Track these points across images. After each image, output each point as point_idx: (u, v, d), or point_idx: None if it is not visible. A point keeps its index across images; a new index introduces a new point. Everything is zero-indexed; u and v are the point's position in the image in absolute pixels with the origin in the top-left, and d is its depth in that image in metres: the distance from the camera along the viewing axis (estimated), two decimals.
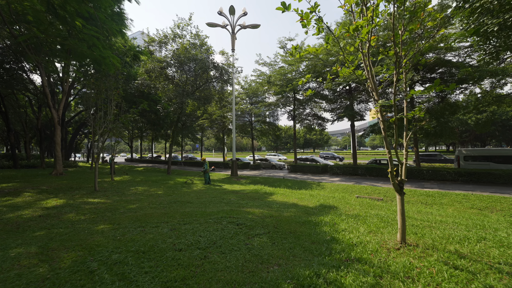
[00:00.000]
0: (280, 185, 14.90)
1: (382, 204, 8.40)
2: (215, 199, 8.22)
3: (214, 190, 10.74)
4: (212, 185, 12.65)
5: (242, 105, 25.75)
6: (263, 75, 23.56)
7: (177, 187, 11.56)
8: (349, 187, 13.42)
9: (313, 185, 14.64)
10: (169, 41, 18.79)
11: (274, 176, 20.05)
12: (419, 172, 16.60)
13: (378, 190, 12.42)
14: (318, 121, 26.45)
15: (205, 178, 13.19)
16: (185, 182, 13.60)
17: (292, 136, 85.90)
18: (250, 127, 28.76)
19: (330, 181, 15.98)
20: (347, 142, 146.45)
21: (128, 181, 13.64)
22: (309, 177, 18.69)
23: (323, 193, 10.49)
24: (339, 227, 4.87)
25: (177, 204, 7.37)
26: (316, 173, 21.40)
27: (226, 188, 11.70)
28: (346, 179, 17.10)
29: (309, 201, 8.19)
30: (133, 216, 5.68)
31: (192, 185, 12.55)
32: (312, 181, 16.03)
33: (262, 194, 9.58)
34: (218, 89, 22.03)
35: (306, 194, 9.78)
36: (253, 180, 17.52)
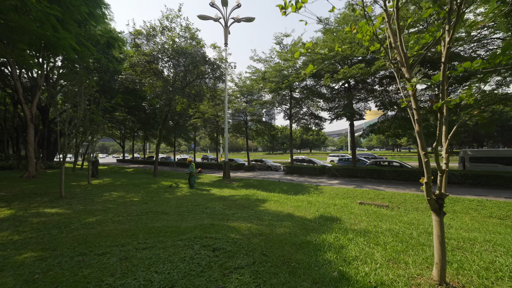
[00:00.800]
0: (275, 189, 13.72)
1: (390, 213, 7.28)
2: (197, 209, 7.00)
3: (199, 196, 9.51)
4: (198, 190, 11.42)
5: (236, 103, 24.52)
6: (258, 72, 22.40)
7: (159, 192, 10.30)
8: (350, 191, 12.31)
9: (310, 189, 13.50)
10: (158, 34, 17.47)
11: (269, 178, 18.88)
12: (421, 174, 15.59)
13: (382, 194, 11.33)
14: (315, 120, 25.40)
15: (190, 182, 11.94)
16: (170, 186, 12.35)
17: (289, 136, 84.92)
18: (245, 127, 27.55)
19: (329, 184, 14.87)
20: (343, 143, 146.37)
21: (106, 184, 12.32)
22: (306, 180, 17.56)
23: (322, 200, 9.35)
24: (347, 252, 3.70)
25: (149, 215, 6.13)
26: (313, 175, 20.29)
27: (214, 193, 10.48)
28: (346, 182, 16.01)
29: (307, 210, 7.02)
30: (83, 235, 4.43)
31: (177, 189, 11.29)
32: (309, 184, 14.90)
33: (254, 201, 8.39)
34: (210, 86, 20.78)
35: (304, 201, 8.62)
36: (246, 183, 16.31)
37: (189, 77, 18.50)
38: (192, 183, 11.91)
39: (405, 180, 16.12)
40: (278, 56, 19.92)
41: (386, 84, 21.30)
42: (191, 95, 17.64)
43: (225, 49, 18.96)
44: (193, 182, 11.91)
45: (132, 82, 16.46)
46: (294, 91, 24.78)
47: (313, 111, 25.60)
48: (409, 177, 16.08)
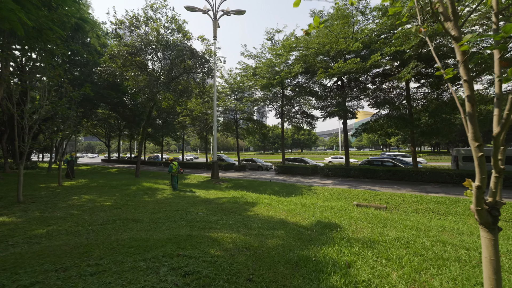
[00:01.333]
0: (266, 189, 12.91)
1: (391, 216, 6.60)
2: (176, 214, 6.07)
3: (181, 199, 8.56)
4: (182, 192, 10.44)
5: (226, 100, 23.56)
6: (249, 68, 21.53)
7: (137, 195, 9.26)
8: (345, 192, 11.67)
9: (303, 189, 12.78)
10: (141, 24, 16.30)
11: (259, 178, 18.06)
12: (417, 174, 15.22)
13: (378, 195, 10.73)
14: (307, 119, 24.81)
15: (172, 183, 10.92)
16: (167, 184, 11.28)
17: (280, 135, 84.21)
18: (235, 125, 26.62)
19: (322, 185, 14.21)
20: (334, 143, 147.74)
21: (80, 186, 11.12)
22: (298, 180, 16.86)
23: (317, 202, 8.60)
24: (357, 274, 2.91)
25: (116, 224, 5.16)
26: (305, 175, 19.65)
27: (199, 195, 9.54)
28: (339, 182, 15.42)
29: (302, 215, 6.24)
30: (17, 255, 3.44)
31: (158, 192, 10.27)
32: (302, 185, 14.19)
33: (242, 204, 7.54)
34: (198, 81, 19.74)
35: (297, 203, 7.84)
36: (236, 183, 15.43)
37: (175, 72, 17.40)
38: (175, 185, 10.89)
39: (399, 180, 15.71)
40: (270, 50, 19.10)
41: (379, 82, 20.96)
42: (178, 90, 16.55)
43: (214, 43, 17.99)
44: (175, 183, 10.89)
45: (112, 75, 15.20)
46: (286, 88, 24.11)
47: (305, 109, 25.04)
48: (403, 177, 15.68)
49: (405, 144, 53.25)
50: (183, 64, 17.14)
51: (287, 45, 15.91)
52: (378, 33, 14.99)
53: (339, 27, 14.71)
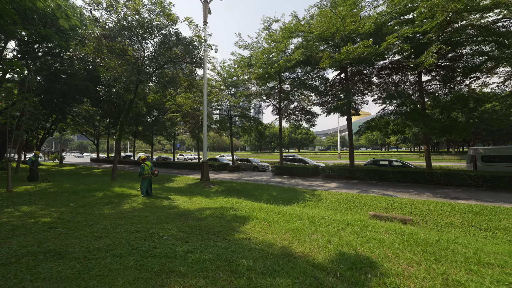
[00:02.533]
0: (261, 195, 11.03)
1: (428, 236, 4.77)
2: (130, 240, 4.14)
3: (152, 211, 6.61)
4: (158, 199, 8.46)
5: (218, 94, 21.58)
6: (244, 59, 19.60)
7: (98, 204, 7.28)
8: (355, 198, 9.84)
9: (306, 195, 10.91)
10: (122, 7, 14.24)
11: (255, 180, 16.17)
12: (431, 176, 13.51)
13: (396, 202, 8.93)
14: (306, 116, 23.04)
15: (141, 188, 8.86)
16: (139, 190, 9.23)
17: (277, 134, 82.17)
18: (229, 122, 24.67)
19: (326, 188, 12.38)
20: (331, 142, 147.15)
21: (34, 192, 9.06)
22: (298, 182, 15.02)
23: (326, 213, 6.74)
24: None
25: (19, 264, 3.20)
26: (306, 176, 17.83)
27: (178, 204, 7.59)
28: (345, 185, 13.62)
29: (313, 239, 4.36)
30: None
31: (128, 199, 8.27)
32: (303, 189, 12.34)
33: (230, 220, 5.63)
34: (187, 72, 17.73)
35: (303, 217, 5.96)
36: (227, 187, 13.51)
37: (160, 61, 15.40)
38: (144, 189, 8.81)
39: (411, 182, 13.99)
40: (266, 40, 17.18)
41: (385, 76, 19.29)
42: (162, 81, 14.55)
43: (204, 28, 16.01)
44: (145, 187, 8.82)
45: (83, 61, 13.11)
46: (283, 82, 22.29)
47: (304, 105, 23.27)
48: (415, 179, 13.96)
49: (405, 143, 51.96)
50: (169, 52, 15.14)
51: (286, 30, 14.01)
52: (388, 18, 13.19)
53: (345, 10, 12.90)
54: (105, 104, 23.62)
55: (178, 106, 22.69)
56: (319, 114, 23.23)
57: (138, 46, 15.14)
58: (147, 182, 8.86)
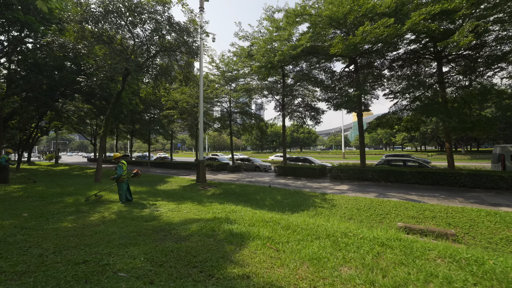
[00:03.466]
0: (264, 199, 9.53)
1: (499, 266, 3.26)
2: (63, 283, 2.65)
3: (125, 223, 5.13)
4: (137, 207, 6.97)
5: (217, 88, 20.09)
6: (244, 50, 18.10)
7: (60, 215, 5.81)
8: (375, 204, 8.32)
9: (316, 199, 9.39)
10: None
11: (257, 182, 14.67)
12: (455, 177, 11.95)
13: (426, 209, 7.40)
14: (311, 112, 21.54)
15: (120, 194, 7.36)
16: (87, 199, 7.63)
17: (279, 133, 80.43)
18: (229, 119, 23.18)
19: (338, 192, 10.85)
20: (333, 142, 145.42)
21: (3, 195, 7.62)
22: (305, 184, 13.51)
23: (348, 228, 5.22)
24: None
25: None
26: (312, 177, 16.31)
27: (161, 213, 6.10)
28: (358, 187, 12.09)
29: (345, 279, 2.86)
30: None
31: (102, 207, 6.79)
32: (312, 192, 10.82)
33: (222, 239, 4.13)
34: (182, 64, 16.27)
35: (321, 235, 4.45)
36: (225, 189, 12.03)
37: (152, 50, 13.95)
38: (123, 195, 7.32)
39: (432, 184, 12.44)
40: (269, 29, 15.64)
41: (397, 68, 17.75)
42: (154, 71, 13.10)
43: (200, 14, 14.54)
44: (124, 192, 7.36)
45: (62, 47, 11.65)
46: (287, 76, 20.79)
47: (309, 101, 21.77)
48: (437, 180, 12.40)
49: (412, 143, 50.18)
50: (161, 40, 13.68)
51: (292, 13, 12.47)
52: None
53: None
54: (97, 100, 22.17)
55: (174, 102, 21.23)
56: (324, 111, 21.75)
57: (127, 33, 13.68)
58: (124, 186, 7.37)
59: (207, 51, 18.41)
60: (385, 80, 18.38)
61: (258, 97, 21.53)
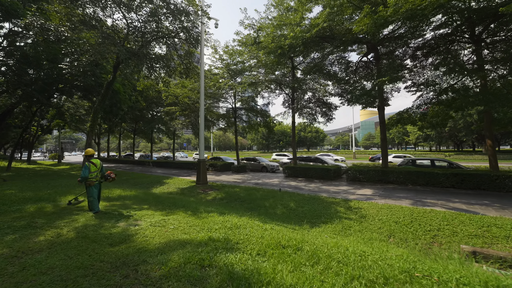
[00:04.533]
0: (274, 207, 7.86)
1: None
2: None
3: (80, 248, 3.56)
4: (108, 220, 5.39)
5: (220, 81, 18.52)
6: (250, 37, 16.45)
7: (5, 229, 4.31)
8: (417, 214, 6.53)
9: (338, 208, 7.65)
10: None
11: (264, 184, 13.00)
12: (502, 180, 9.99)
13: (491, 224, 5.59)
14: (322, 108, 19.74)
15: (90, 201, 5.77)
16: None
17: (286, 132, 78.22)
18: (234, 116, 21.59)
19: (362, 197, 9.07)
20: (340, 142, 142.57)
21: None
22: (319, 187, 11.76)
23: (404, 259, 3.50)
24: None
25: None
26: (326, 179, 14.53)
27: (139, 229, 4.51)
28: (384, 191, 10.27)
29: None
30: None
31: (64, 219, 5.26)
32: (331, 198, 9.07)
33: (217, 286, 2.48)
34: (182, 54, 14.76)
35: (371, 273, 2.76)
36: (229, 193, 10.41)
37: (148, 36, 12.49)
38: (95, 202, 5.73)
39: (473, 189, 10.51)
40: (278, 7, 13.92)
41: (421, 57, 15.80)
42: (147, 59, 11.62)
43: None
44: (94, 198, 5.72)
45: (42, 30, 10.24)
46: (297, 69, 19.07)
47: (320, 96, 19.97)
48: (479, 184, 10.45)
49: (427, 142, 47.40)
50: (158, 26, 12.19)
51: None
52: None
53: None
54: (94, 96, 20.93)
55: (175, 98, 19.77)
56: (337, 106, 19.86)
57: (122, 19, 12.24)
58: (97, 190, 5.83)
59: (209, 40, 16.87)
60: (406, 71, 16.51)
61: (265, 92, 19.85)
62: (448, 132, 39.88)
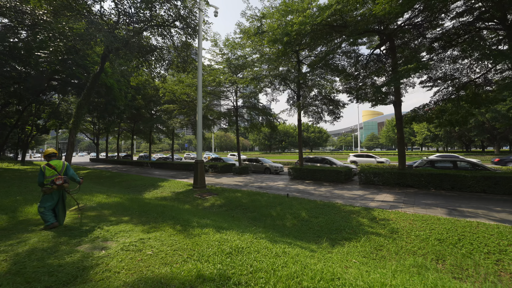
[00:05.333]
0: (283, 218, 6.58)
1: None
2: None
3: None
4: (70, 236, 4.15)
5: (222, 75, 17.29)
6: (252, 27, 15.22)
7: None
8: (462, 228, 5.23)
9: (361, 219, 6.34)
10: None
11: (269, 188, 11.71)
12: None
13: None
14: (329, 106, 18.48)
15: (42, 212, 4.38)
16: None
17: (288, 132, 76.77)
18: (235, 114, 20.35)
19: (384, 205, 7.75)
20: (343, 143, 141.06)
21: None
22: (331, 192, 10.45)
23: None
24: None
25: None
26: (336, 182, 13.23)
27: (105, 254, 3.27)
28: (405, 197, 8.95)
29: None
30: None
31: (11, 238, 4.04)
32: (348, 205, 7.77)
33: None
34: (178, 45, 13.56)
35: None
36: (229, 199, 9.14)
37: (142, 25, 11.31)
38: (48, 214, 4.43)
39: (509, 194, 9.16)
40: None
41: (439, 49, 14.50)
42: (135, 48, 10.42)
43: None
44: (46, 210, 4.42)
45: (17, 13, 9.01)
46: (302, 63, 17.83)
47: (326, 93, 18.68)
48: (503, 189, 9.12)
49: (436, 142, 45.77)
50: (152, 13, 11.00)
51: None
52: None
53: None
54: None
55: (173, 94, 18.56)
56: (345, 104, 18.53)
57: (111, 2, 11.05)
58: (56, 199, 4.60)
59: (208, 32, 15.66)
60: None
61: (269, 88, 18.58)
62: (457, 132, 38.35)
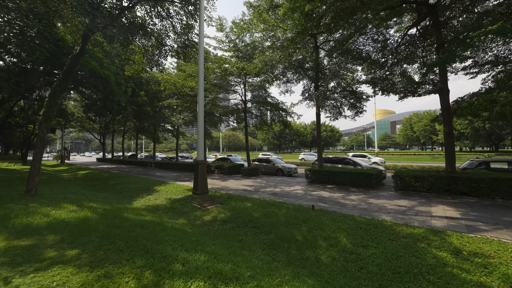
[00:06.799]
0: (314, 247, 4.44)
1: None
2: None
3: None
4: None
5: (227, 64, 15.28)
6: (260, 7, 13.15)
7: None
8: None
9: (435, 251, 4.13)
10: None
11: (285, 194, 9.55)
12: None
13: None
14: (349, 99, 16.11)
15: None
16: None
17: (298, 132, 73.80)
18: (244, 110, 18.30)
19: (454, 224, 5.47)
20: (354, 142, 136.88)
21: None
22: (365, 201, 8.19)
23: None
24: None
25: None
26: (365, 187, 10.94)
27: None
28: (469, 210, 6.60)
29: None
30: None
31: None
32: (401, 223, 5.56)
33: None
34: (179, 29, 11.69)
35: None
36: (235, 211, 7.07)
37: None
38: None
39: None
40: None
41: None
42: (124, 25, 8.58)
43: None
44: None
45: None
46: (321, 49, 15.59)
47: (347, 84, 16.28)
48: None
49: (461, 141, 42.14)
50: None
51: None
52: None
53: None
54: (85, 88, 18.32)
55: (174, 87, 16.73)
56: (369, 96, 16.09)
57: None
58: None
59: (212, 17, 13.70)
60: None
61: (281, 77, 16.40)
62: (487, 130, 34.83)
